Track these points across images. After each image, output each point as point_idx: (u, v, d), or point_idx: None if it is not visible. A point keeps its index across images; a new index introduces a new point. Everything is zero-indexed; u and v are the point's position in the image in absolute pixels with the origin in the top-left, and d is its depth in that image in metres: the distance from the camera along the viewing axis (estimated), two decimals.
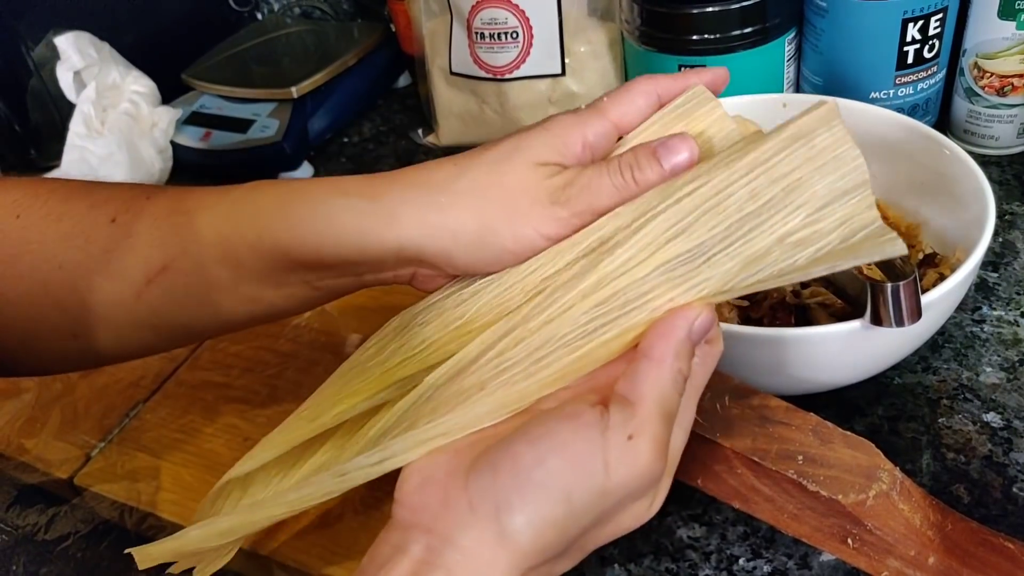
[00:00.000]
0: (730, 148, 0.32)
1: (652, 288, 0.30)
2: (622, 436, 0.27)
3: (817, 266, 0.28)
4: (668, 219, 0.30)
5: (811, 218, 0.29)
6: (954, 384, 0.46)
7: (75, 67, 0.77)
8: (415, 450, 0.29)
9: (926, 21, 0.56)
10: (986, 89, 0.59)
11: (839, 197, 0.29)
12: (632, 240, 0.30)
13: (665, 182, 0.32)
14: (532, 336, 0.31)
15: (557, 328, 0.30)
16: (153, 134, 0.79)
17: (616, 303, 0.30)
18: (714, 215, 0.30)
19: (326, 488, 0.31)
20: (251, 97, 0.79)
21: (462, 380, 0.31)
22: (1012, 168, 0.60)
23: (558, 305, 0.31)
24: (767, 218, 0.29)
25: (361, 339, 0.52)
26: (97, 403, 0.50)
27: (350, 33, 0.85)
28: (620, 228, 0.31)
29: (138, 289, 0.35)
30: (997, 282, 0.52)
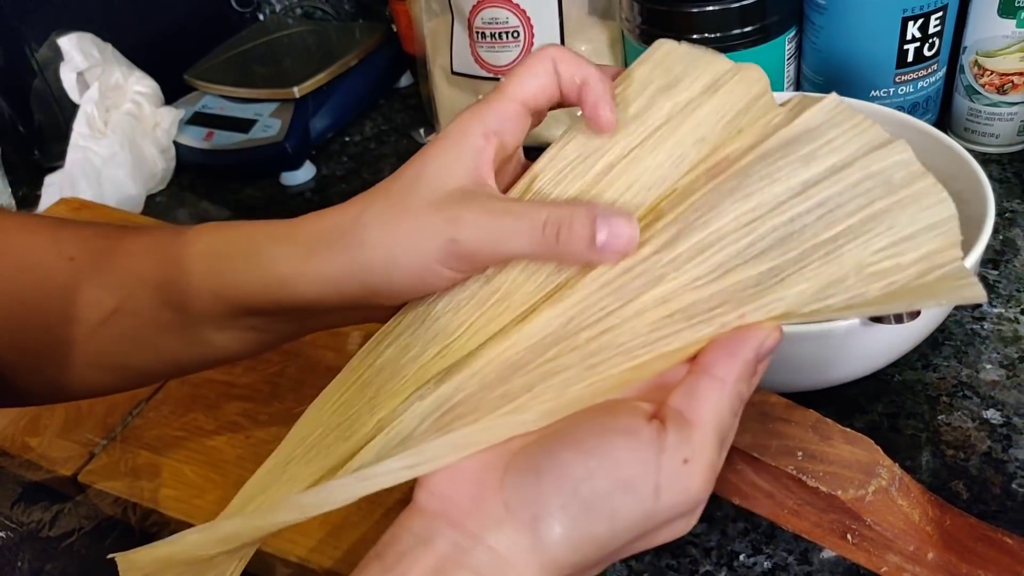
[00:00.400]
0: (781, 150, 0.30)
1: (722, 303, 0.28)
2: (678, 459, 0.26)
3: (890, 301, 0.27)
4: (740, 244, 0.28)
5: (892, 250, 0.27)
6: (954, 381, 0.46)
7: (78, 68, 0.77)
8: (453, 455, 0.27)
9: (926, 19, 0.56)
10: (986, 87, 0.59)
11: (924, 231, 0.27)
12: (700, 258, 0.29)
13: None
14: (588, 343, 0.28)
15: (616, 336, 0.28)
16: (156, 134, 0.79)
17: (683, 315, 0.28)
18: (788, 240, 0.28)
19: (349, 492, 0.28)
20: (253, 97, 0.80)
21: (508, 382, 0.28)
22: (1012, 166, 0.60)
23: (618, 314, 0.29)
24: (845, 244, 0.28)
25: (363, 337, 0.52)
26: (100, 401, 0.51)
27: (352, 33, 0.86)
28: (689, 248, 0.29)
29: (92, 329, 0.35)
30: (997, 279, 0.52)
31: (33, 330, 0.35)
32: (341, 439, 0.31)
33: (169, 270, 0.34)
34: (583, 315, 0.29)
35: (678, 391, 0.27)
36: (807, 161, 0.29)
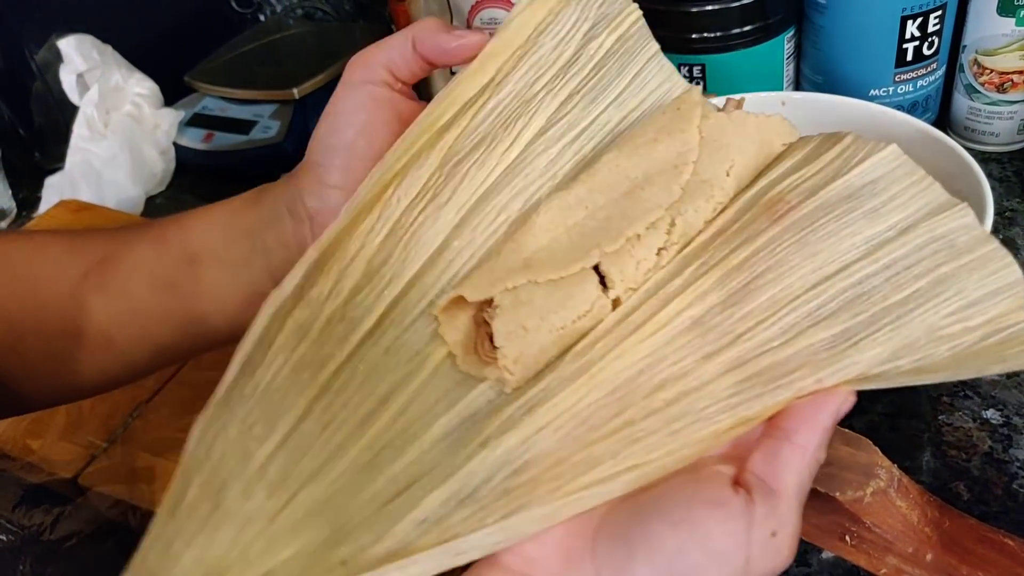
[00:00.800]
0: (845, 204, 0.30)
1: (799, 367, 0.28)
2: (767, 532, 0.26)
3: (959, 365, 0.27)
4: (812, 305, 0.28)
5: (961, 314, 0.28)
6: (954, 381, 0.46)
7: (78, 70, 0.77)
8: (543, 525, 0.26)
9: (925, 18, 0.56)
10: (986, 85, 0.59)
11: (991, 295, 0.28)
12: (774, 318, 0.28)
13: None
14: (667, 407, 0.28)
15: (696, 400, 0.28)
16: (156, 136, 0.79)
17: (760, 380, 0.28)
18: (858, 301, 0.28)
19: (436, 565, 0.25)
20: (253, 99, 0.80)
21: (586, 446, 0.27)
22: (1012, 165, 0.60)
23: (695, 375, 0.28)
24: (915, 308, 0.28)
25: None
26: (102, 404, 0.51)
27: (352, 34, 0.86)
28: (761, 306, 0.29)
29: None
30: None
31: (48, 335, 0.36)
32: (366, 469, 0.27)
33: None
34: (655, 369, 0.28)
35: (759, 457, 0.27)
36: (872, 218, 0.29)
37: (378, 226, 0.31)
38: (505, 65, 0.34)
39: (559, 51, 0.34)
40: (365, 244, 0.31)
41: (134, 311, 0.36)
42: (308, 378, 0.28)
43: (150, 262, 0.36)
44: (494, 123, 0.33)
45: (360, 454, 0.27)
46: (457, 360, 0.29)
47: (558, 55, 0.34)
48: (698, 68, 0.61)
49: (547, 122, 0.33)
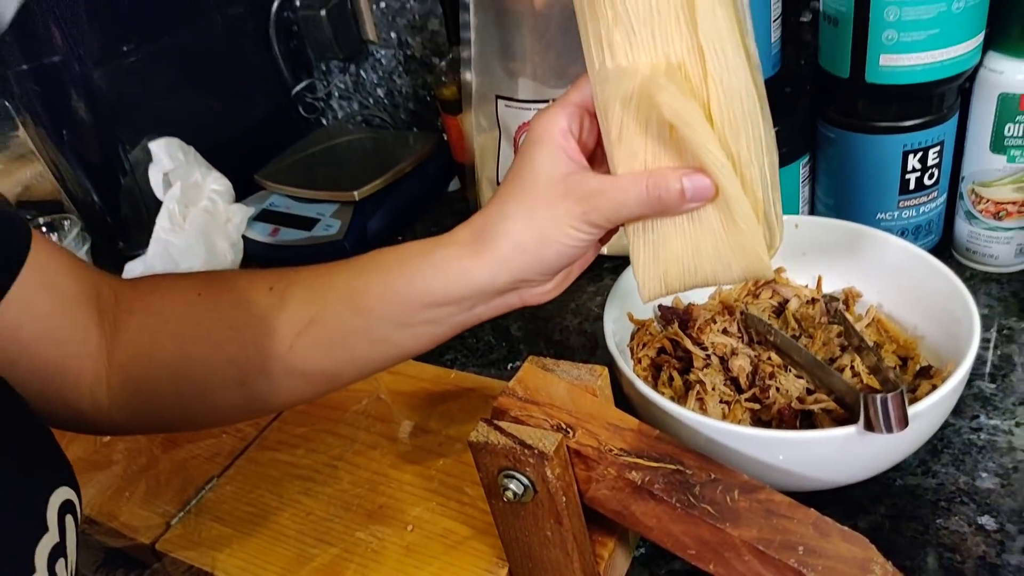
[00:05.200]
0: None
1: None
2: None
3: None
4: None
5: None
6: (952, 488, 0.50)
7: (165, 169, 0.86)
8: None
9: (925, 153, 0.62)
10: (983, 213, 0.65)
11: None
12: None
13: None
14: None
15: None
16: (227, 229, 0.87)
17: None
18: None
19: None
20: (316, 198, 0.88)
21: None
22: (1011, 285, 0.65)
23: None
24: None
25: (412, 425, 0.58)
26: (177, 476, 0.57)
27: (406, 141, 0.94)
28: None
29: (290, 341, 0.44)
30: (995, 393, 0.56)
31: (245, 348, 0.45)
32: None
33: (356, 280, 0.43)
34: None
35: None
36: None
37: None
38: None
39: None
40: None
41: (340, 360, 0.45)
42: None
43: (355, 329, 0.44)
44: None
45: None
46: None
47: None
48: None
49: None
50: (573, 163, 0.39)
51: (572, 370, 0.45)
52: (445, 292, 0.42)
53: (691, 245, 0.39)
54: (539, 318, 0.72)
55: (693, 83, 0.36)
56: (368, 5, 0.97)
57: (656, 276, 0.40)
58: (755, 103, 0.37)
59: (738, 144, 0.36)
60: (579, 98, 0.40)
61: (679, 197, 0.37)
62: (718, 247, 0.38)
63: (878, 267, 0.57)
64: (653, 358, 0.56)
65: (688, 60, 0.35)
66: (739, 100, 0.36)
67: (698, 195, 0.37)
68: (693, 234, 0.38)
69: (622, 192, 0.38)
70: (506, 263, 0.40)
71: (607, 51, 0.36)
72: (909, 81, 0.59)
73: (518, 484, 0.41)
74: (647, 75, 0.35)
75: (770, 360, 0.53)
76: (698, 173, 0.36)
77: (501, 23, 0.77)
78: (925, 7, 0.56)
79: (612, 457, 0.41)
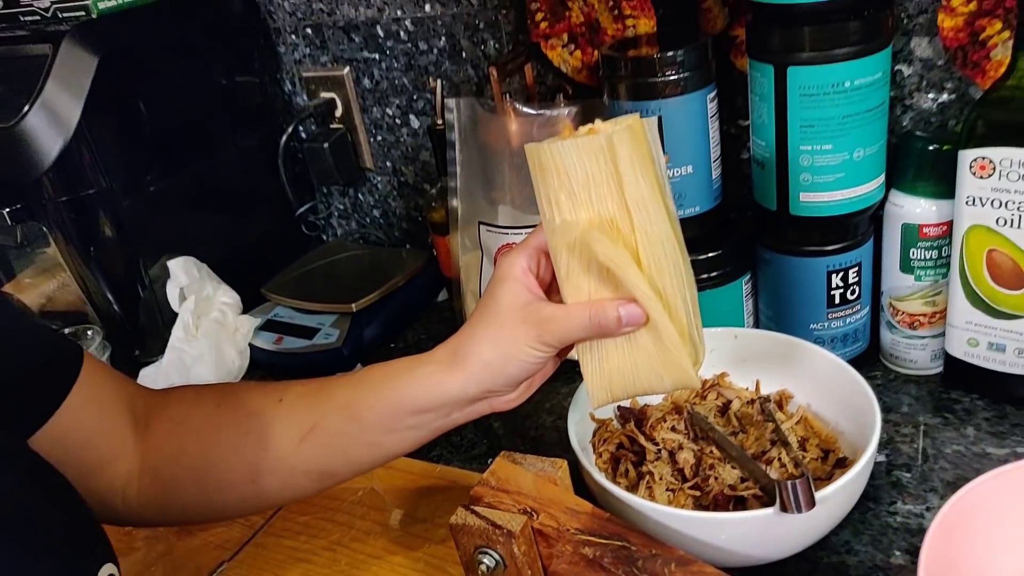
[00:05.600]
0: None
1: None
2: None
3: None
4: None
5: None
6: (870, 564, 0.58)
7: (181, 284, 0.96)
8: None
9: (846, 272, 0.73)
10: (901, 324, 0.74)
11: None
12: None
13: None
14: None
15: None
16: (236, 338, 0.96)
17: None
18: None
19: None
20: (317, 310, 0.97)
21: None
22: (927, 386, 0.74)
23: None
24: None
25: (403, 514, 0.65)
26: (191, 560, 0.64)
27: (400, 257, 1.05)
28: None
29: (296, 444, 0.52)
30: (909, 481, 0.64)
31: (257, 451, 0.53)
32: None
33: (352, 392, 0.53)
34: None
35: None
36: None
37: None
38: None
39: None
40: None
41: (339, 461, 0.54)
42: None
43: (350, 434, 0.53)
44: None
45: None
46: None
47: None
48: None
49: None
50: (531, 295, 0.49)
51: (537, 463, 0.54)
52: (425, 401, 0.51)
53: (629, 362, 0.48)
54: (518, 416, 0.80)
55: (623, 234, 0.46)
56: (366, 138, 1.09)
57: (603, 387, 0.50)
58: (675, 247, 0.47)
59: (663, 280, 0.46)
60: (537, 242, 0.50)
61: (616, 323, 0.46)
62: (651, 364, 0.48)
63: (805, 372, 0.67)
64: (613, 452, 0.64)
65: (618, 216, 0.46)
66: (661, 246, 0.46)
67: (631, 321, 0.46)
68: (630, 353, 0.48)
69: (570, 318, 0.47)
70: (475, 376, 0.50)
71: (555, 208, 0.47)
72: (825, 214, 0.70)
73: (491, 559, 0.49)
74: (585, 228, 0.46)
75: (712, 453, 0.61)
76: (632, 303, 0.46)
77: (483, 158, 0.89)
78: (831, 155, 0.67)
79: (569, 535, 0.49)
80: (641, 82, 0.71)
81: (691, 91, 0.71)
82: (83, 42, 0.86)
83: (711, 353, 0.70)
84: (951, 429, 0.69)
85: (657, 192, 0.46)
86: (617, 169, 0.45)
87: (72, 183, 0.88)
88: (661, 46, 0.72)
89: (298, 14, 1.05)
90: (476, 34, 0.94)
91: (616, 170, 0.45)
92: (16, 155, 0.85)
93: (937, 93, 0.74)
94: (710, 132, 0.74)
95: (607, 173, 0.45)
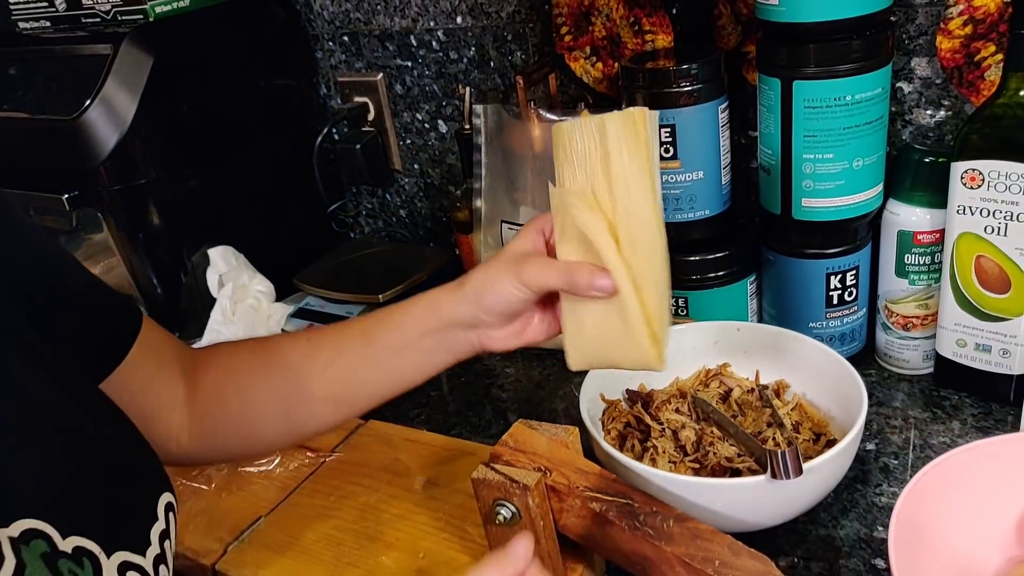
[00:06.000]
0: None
1: None
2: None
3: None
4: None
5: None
6: (855, 537, 0.63)
7: (220, 271, 1.02)
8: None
9: (844, 275, 0.78)
10: (895, 325, 0.79)
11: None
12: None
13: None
14: None
15: None
16: (269, 324, 1.02)
17: None
18: None
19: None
20: (346, 300, 1.03)
21: None
22: (919, 384, 0.79)
23: None
24: None
25: (425, 480, 0.71)
26: (231, 516, 0.69)
27: (424, 254, 1.11)
28: None
29: (321, 375, 0.60)
30: (896, 467, 0.69)
31: (288, 385, 0.61)
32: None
33: (368, 321, 0.62)
34: None
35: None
36: None
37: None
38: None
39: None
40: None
41: (357, 385, 0.61)
42: None
43: (365, 357, 0.61)
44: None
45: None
46: None
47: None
48: (683, 300, 0.83)
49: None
50: (533, 248, 0.57)
51: (551, 429, 0.59)
52: (427, 321, 0.59)
53: (600, 332, 0.54)
54: (532, 402, 0.85)
55: (603, 206, 0.51)
56: (396, 142, 1.16)
57: (579, 349, 0.56)
58: (655, 235, 0.52)
59: (636, 260, 0.51)
60: (539, 224, 0.58)
61: (587, 285, 0.52)
62: (618, 339, 0.53)
63: (801, 363, 0.72)
64: (620, 430, 0.70)
65: (601, 189, 0.52)
66: (640, 227, 0.51)
67: (599, 286, 0.51)
68: (604, 324, 0.53)
69: (548, 267, 0.54)
70: (465, 299, 0.57)
71: (561, 177, 0.53)
72: (825, 219, 0.75)
73: (507, 510, 0.54)
74: (567, 191, 0.52)
75: (712, 433, 0.66)
76: (604, 272, 0.51)
77: (507, 161, 0.95)
78: (832, 164, 0.73)
79: (579, 492, 0.55)
80: (657, 92, 0.76)
81: (704, 101, 0.76)
82: (141, 43, 0.93)
83: (715, 344, 0.76)
84: (938, 423, 0.74)
85: (646, 177, 0.51)
86: (606, 147, 0.51)
87: (125, 173, 0.94)
88: (677, 59, 0.78)
89: (336, 22, 1.12)
90: (504, 45, 1.01)
91: (605, 148, 0.51)
92: (76, 146, 0.92)
93: (935, 110, 0.79)
94: (721, 140, 0.79)
95: (599, 150, 0.51)
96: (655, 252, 0.52)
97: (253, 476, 0.74)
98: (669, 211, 0.81)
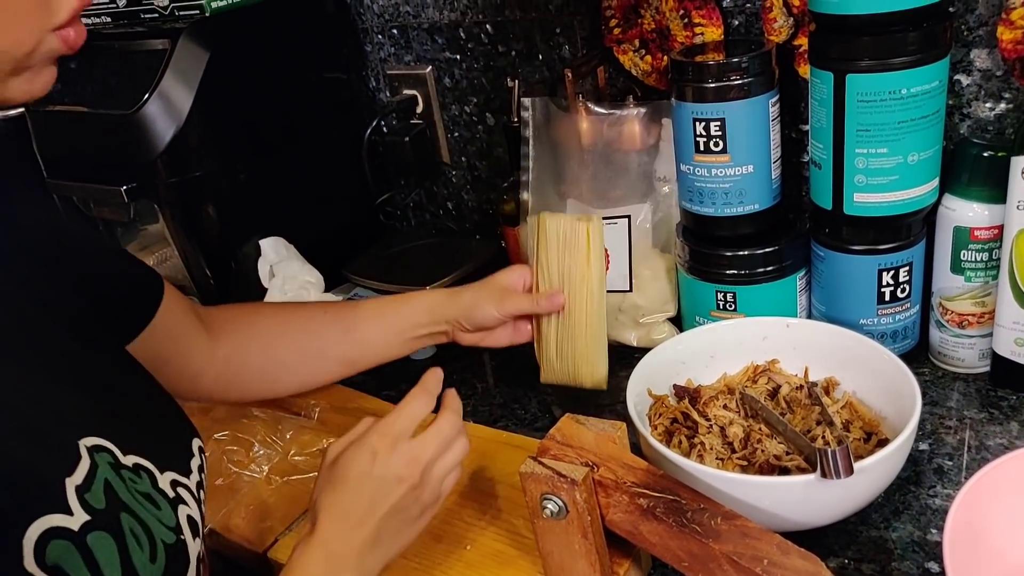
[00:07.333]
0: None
1: None
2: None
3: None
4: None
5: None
6: (908, 540, 0.62)
7: (271, 262, 1.04)
8: None
9: (896, 271, 0.77)
10: (950, 323, 0.78)
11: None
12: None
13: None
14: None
15: None
16: None
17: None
18: None
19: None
20: (394, 291, 1.04)
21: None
22: (974, 384, 0.77)
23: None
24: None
25: (472, 473, 0.71)
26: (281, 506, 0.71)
27: (471, 246, 1.12)
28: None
29: (339, 340, 0.77)
30: (951, 468, 0.68)
31: (311, 343, 0.76)
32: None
33: (380, 305, 0.80)
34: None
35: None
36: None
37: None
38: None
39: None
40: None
41: (365, 350, 0.78)
42: None
43: (375, 332, 0.77)
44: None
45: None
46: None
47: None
48: (731, 295, 0.82)
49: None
50: (515, 285, 0.77)
51: (598, 424, 0.59)
52: (425, 316, 0.77)
53: (559, 351, 0.77)
54: (578, 399, 0.85)
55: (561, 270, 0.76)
56: (444, 134, 1.16)
57: (549, 364, 0.78)
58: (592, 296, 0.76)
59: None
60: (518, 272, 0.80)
61: (546, 305, 0.76)
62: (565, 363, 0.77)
63: (852, 361, 0.71)
64: (667, 426, 0.70)
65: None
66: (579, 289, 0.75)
67: (555, 303, 0.76)
68: (562, 345, 0.77)
69: (520, 301, 0.77)
70: (456, 308, 0.76)
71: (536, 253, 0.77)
72: (878, 214, 0.74)
73: (555, 505, 0.55)
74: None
75: (760, 430, 0.66)
76: (557, 295, 0.76)
77: (554, 154, 0.95)
78: (886, 159, 0.71)
79: (626, 488, 0.55)
80: (707, 86, 0.76)
81: (754, 95, 0.76)
82: (197, 38, 0.95)
83: (764, 340, 0.76)
84: (995, 424, 0.72)
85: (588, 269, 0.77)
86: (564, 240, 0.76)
87: (181, 166, 0.97)
88: (727, 53, 0.77)
89: (385, 16, 1.13)
90: (552, 38, 1.00)
91: (564, 240, 0.77)
92: (134, 139, 0.95)
93: (995, 102, 0.77)
94: (771, 134, 0.78)
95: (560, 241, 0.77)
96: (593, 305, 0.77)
97: (301, 465, 0.76)
98: (718, 205, 0.81)
